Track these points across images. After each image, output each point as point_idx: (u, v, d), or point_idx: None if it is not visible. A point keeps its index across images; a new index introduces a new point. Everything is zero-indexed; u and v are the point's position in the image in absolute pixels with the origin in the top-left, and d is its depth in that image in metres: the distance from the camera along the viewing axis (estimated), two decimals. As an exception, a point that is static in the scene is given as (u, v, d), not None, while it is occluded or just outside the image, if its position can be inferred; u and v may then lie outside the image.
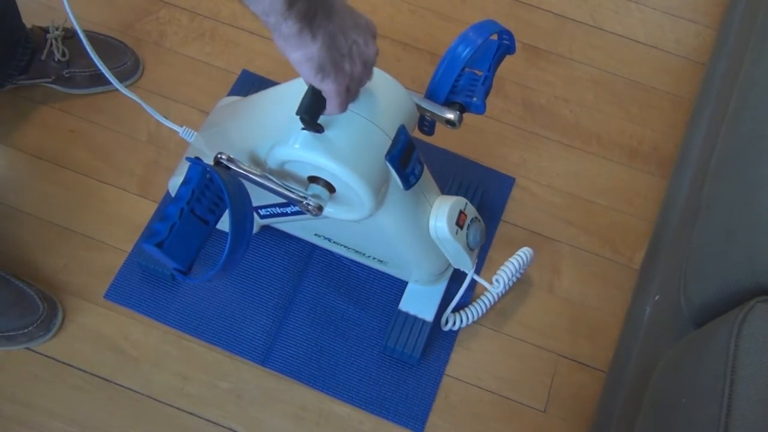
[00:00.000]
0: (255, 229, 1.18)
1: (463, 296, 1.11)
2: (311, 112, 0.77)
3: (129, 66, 1.30)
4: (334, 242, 1.11)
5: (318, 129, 0.79)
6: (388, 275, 1.16)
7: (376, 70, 0.85)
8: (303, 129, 0.80)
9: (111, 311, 1.14)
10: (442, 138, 1.24)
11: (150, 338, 1.12)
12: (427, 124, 0.97)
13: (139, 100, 0.99)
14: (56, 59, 1.24)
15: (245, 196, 0.78)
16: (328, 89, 0.74)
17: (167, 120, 1.05)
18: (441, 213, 0.97)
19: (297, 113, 0.76)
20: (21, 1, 1.19)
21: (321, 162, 0.80)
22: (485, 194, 1.23)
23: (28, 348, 1.09)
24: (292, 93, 0.81)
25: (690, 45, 1.46)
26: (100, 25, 1.37)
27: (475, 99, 0.91)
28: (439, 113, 0.91)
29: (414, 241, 0.99)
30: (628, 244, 1.24)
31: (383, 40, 1.41)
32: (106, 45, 1.31)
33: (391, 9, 1.45)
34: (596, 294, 1.20)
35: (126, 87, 0.96)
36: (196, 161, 0.78)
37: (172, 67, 1.35)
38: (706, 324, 0.78)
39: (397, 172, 0.86)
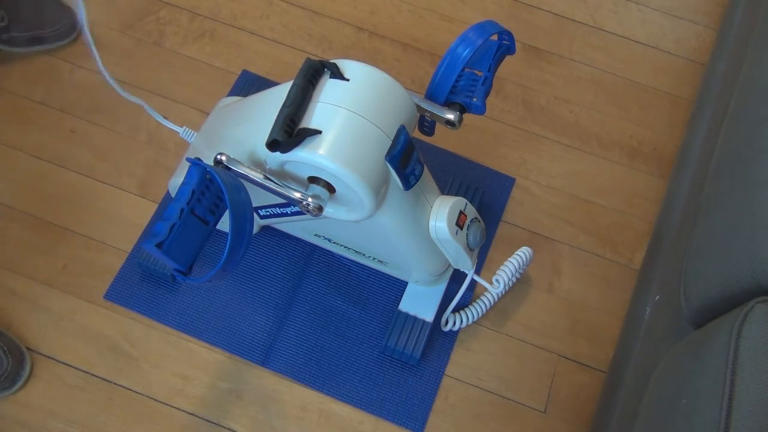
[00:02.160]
0: (255, 230, 1.18)
1: (463, 296, 1.11)
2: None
3: (67, 27, 1.32)
4: (334, 242, 1.11)
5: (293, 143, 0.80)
6: (388, 275, 1.16)
7: (376, 70, 0.85)
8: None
9: (111, 311, 1.14)
10: (442, 138, 1.24)
11: (150, 338, 1.12)
12: (427, 124, 0.97)
13: (141, 102, 0.99)
14: None
15: (245, 197, 0.78)
16: None
17: (167, 120, 1.05)
18: (441, 213, 0.97)
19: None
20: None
21: (321, 162, 0.80)
22: (485, 194, 1.23)
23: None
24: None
25: (690, 45, 1.46)
26: (100, 24, 1.37)
27: (475, 99, 0.91)
28: (439, 114, 0.91)
29: (414, 242, 0.99)
30: (628, 244, 1.24)
31: (383, 40, 1.41)
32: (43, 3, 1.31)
33: (391, 9, 1.45)
34: (596, 294, 1.20)
35: (62, 47, 0.95)
36: (196, 162, 0.78)
37: (172, 67, 1.35)
38: (705, 324, 0.78)
39: (397, 172, 0.85)
